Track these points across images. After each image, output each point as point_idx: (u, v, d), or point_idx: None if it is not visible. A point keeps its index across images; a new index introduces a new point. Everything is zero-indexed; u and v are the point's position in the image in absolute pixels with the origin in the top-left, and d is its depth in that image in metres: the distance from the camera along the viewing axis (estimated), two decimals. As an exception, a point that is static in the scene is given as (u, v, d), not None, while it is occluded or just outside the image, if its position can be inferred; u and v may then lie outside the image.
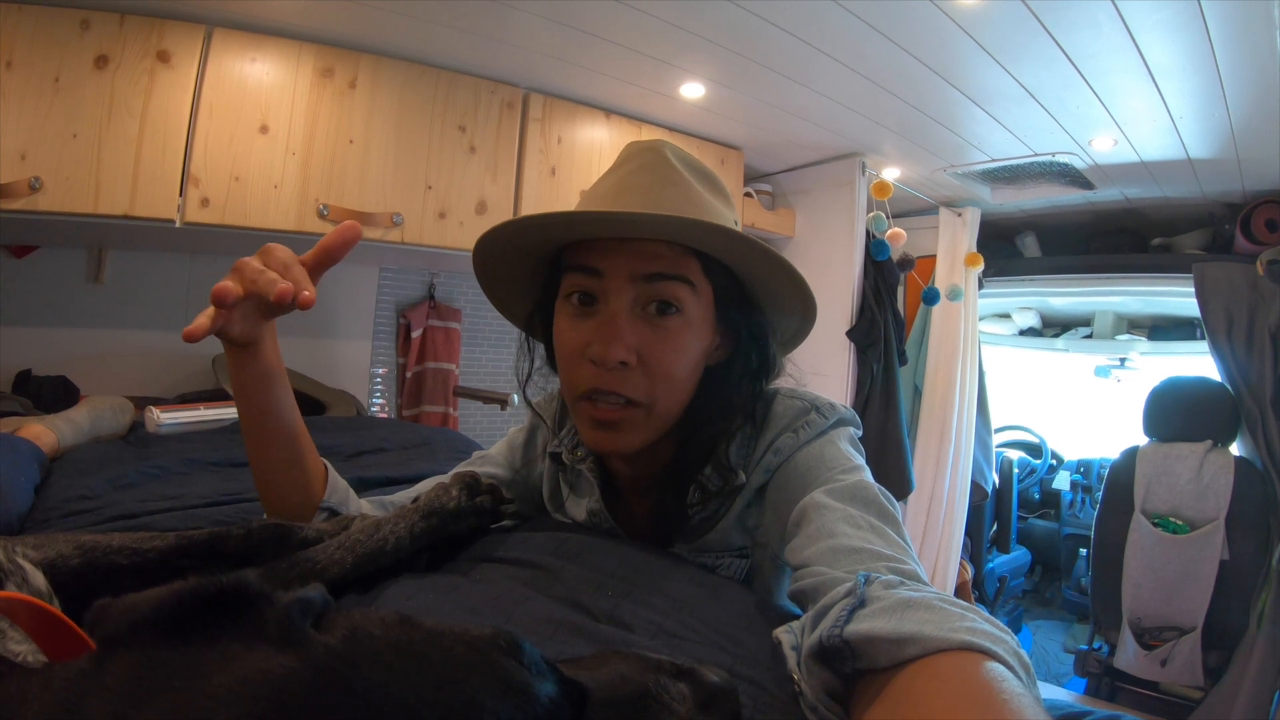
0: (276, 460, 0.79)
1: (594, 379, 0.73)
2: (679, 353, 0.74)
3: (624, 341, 0.72)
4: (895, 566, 0.58)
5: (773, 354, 0.83)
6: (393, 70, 2.00)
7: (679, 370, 0.75)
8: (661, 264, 0.73)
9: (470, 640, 0.33)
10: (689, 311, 0.75)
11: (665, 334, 0.74)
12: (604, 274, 0.73)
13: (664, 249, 0.73)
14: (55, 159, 1.58)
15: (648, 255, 0.73)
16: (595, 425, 0.75)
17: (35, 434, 1.48)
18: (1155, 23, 1.62)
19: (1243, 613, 2.45)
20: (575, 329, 0.75)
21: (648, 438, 0.76)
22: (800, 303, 0.81)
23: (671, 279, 0.73)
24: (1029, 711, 0.38)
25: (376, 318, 2.61)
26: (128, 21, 1.66)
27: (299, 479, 0.81)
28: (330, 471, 0.86)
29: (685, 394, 0.77)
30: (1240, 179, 2.55)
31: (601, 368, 0.72)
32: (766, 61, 2.00)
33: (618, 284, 0.73)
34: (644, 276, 0.73)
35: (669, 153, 0.78)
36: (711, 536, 0.80)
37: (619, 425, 0.74)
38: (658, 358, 0.73)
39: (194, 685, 0.27)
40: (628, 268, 0.73)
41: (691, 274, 0.74)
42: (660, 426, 0.77)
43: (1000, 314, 4.30)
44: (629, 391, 0.73)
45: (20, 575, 0.47)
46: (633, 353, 0.72)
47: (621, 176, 0.78)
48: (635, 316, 0.73)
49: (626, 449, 0.76)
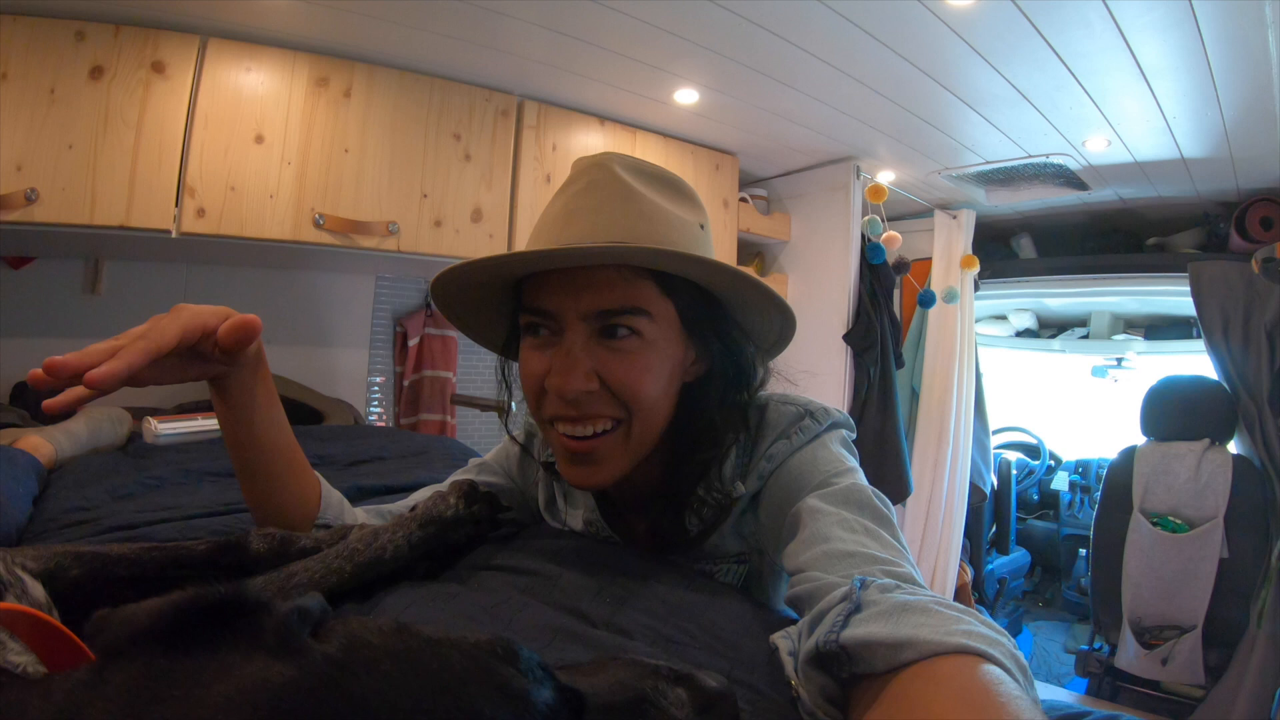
0: (265, 485, 0.79)
1: (560, 407, 0.72)
2: (643, 372, 0.72)
3: (580, 370, 0.70)
4: (890, 570, 0.58)
5: (750, 363, 0.81)
6: (387, 79, 2.01)
7: (647, 389, 0.72)
8: (613, 297, 0.70)
9: (468, 648, 0.33)
10: (648, 335, 0.72)
11: (624, 355, 0.72)
12: (554, 314, 0.72)
13: (615, 277, 0.70)
14: (51, 170, 1.58)
15: (597, 288, 0.70)
16: (571, 460, 0.74)
17: (33, 445, 1.48)
18: (1147, 23, 1.62)
19: (1243, 610, 2.45)
20: (537, 359, 0.74)
21: (625, 466, 0.75)
22: (775, 309, 0.79)
23: (623, 313, 0.71)
24: (1026, 713, 0.38)
25: (373, 326, 2.60)
26: (122, 32, 1.66)
27: (291, 500, 0.80)
28: (324, 487, 0.85)
29: (662, 413, 0.76)
30: (1234, 177, 2.56)
31: (565, 398, 0.71)
32: (759, 66, 2.01)
33: (570, 322, 0.71)
34: (595, 314, 0.71)
35: (617, 166, 0.75)
36: (709, 543, 0.80)
37: (595, 457, 0.73)
38: (620, 378, 0.71)
39: (193, 695, 0.27)
40: (576, 308, 0.71)
41: (645, 301, 0.72)
42: (638, 450, 0.75)
43: (997, 315, 4.31)
44: (600, 410, 0.72)
45: (20, 587, 0.47)
46: (593, 378, 0.71)
47: (568, 199, 0.75)
48: (592, 344, 0.72)
49: (605, 482, 0.75)
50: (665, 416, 0.76)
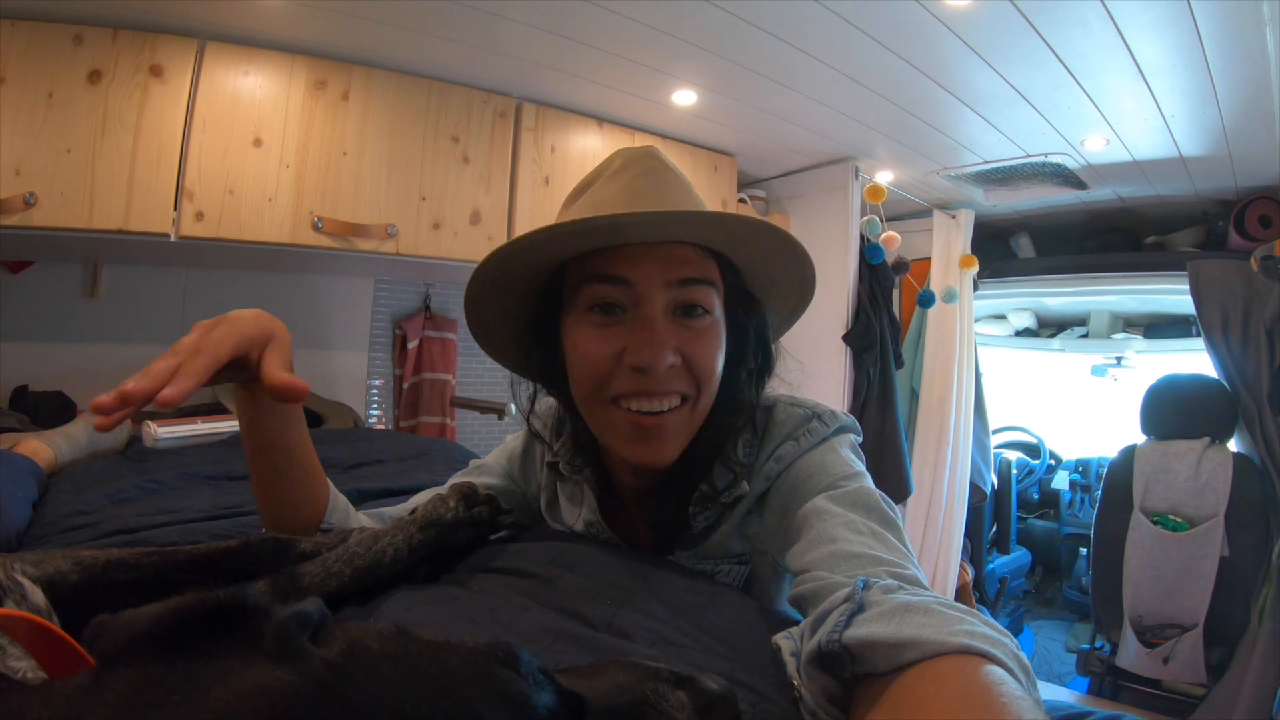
0: (283, 486, 0.79)
1: (636, 383, 0.72)
2: (716, 350, 0.75)
3: (669, 344, 0.71)
4: (895, 571, 0.58)
5: (774, 352, 0.84)
6: (385, 82, 2.01)
7: (716, 367, 0.75)
8: (691, 268, 0.73)
9: (467, 651, 0.33)
10: (715, 312, 0.75)
11: (698, 333, 0.73)
12: (634, 282, 0.72)
13: (691, 253, 0.73)
14: (49, 174, 1.58)
15: (677, 260, 0.72)
16: (637, 436, 0.74)
17: (32, 450, 1.48)
18: (1145, 21, 1.62)
19: (1244, 609, 2.45)
20: (602, 337, 0.73)
21: (683, 445, 0.76)
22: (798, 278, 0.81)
23: (701, 283, 0.73)
24: (1028, 714, 0.38)
25: (373, 329, 2.60)
26: (120, 36, 1.66)
27: (304, 501, 0.81)
28: (332, 490, 0.85)
29: (714, 394, 0.77)
30: (1233, 176, 2.56)
31: (651, 374, 0.71)
32: (757, 67, 2.01)
33: (650, 291, 0.72)
34: (677, 282, 0.72)
35: (664, 158, 0.79)
36: (711, 543, 0.80)
37: (664, 433, 0.73)
38: (697, 356, 0.73)
39: (193, 700, 0.27)
40: (660, 274, 0.72)
41: (714, 276, 0.75)
42: (693, 429, 0.76)
43: (996, 315, 4.31)
44: (675, 386, 0.73)
45: (19, 592, 0.47)
46: (677, 354, 0.72)
47: (627, 182, 0.75)
48: (667, 318, 0.72)
49: (669, 459, 0.75)
50: (715, 395, 0.78)
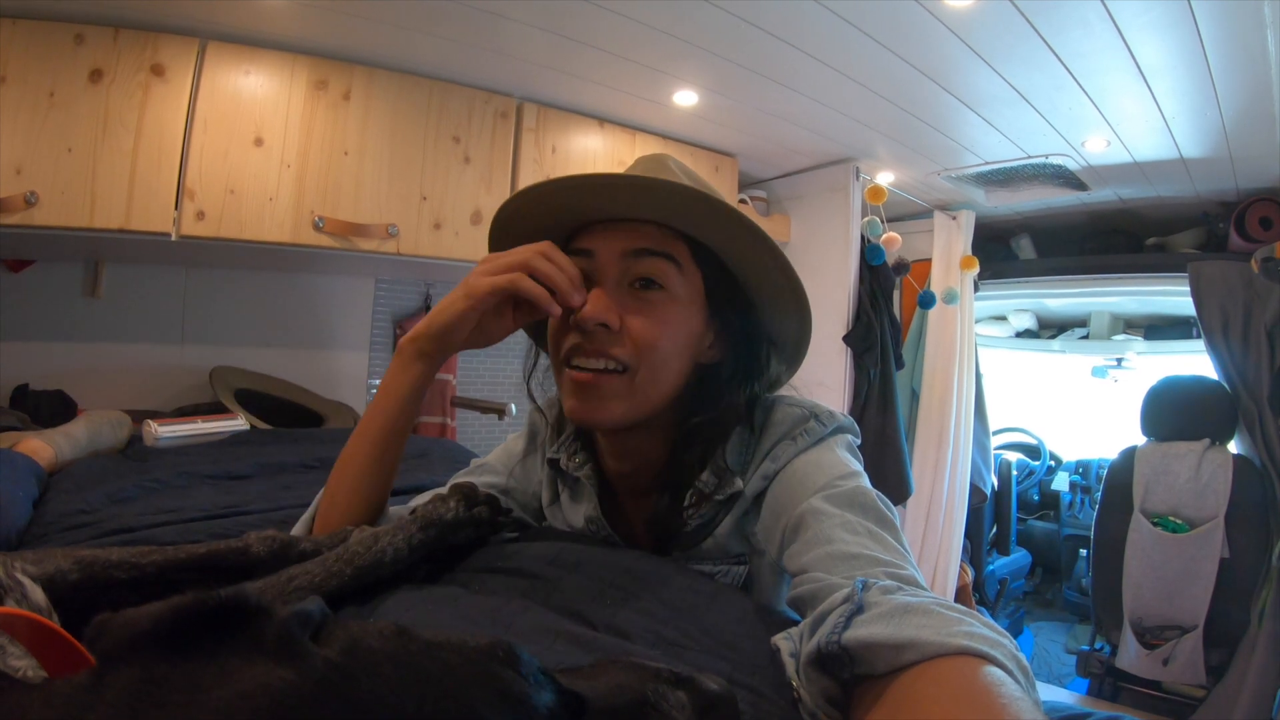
0: (390, 468, 0.84)
1: (575, 340, 0.77)
2: (661, 323, 0.77)
3: (604, 303, 0.75)
4: (893, 572, 0.58)
5: (765, 359, 0.85)
6: (386, 82, 2.01)
7: (662, 342, 0.76)
8: (648, 241, 0.77)
9: (468, 651, 0.33)
10: (673, 289, 0.78)
11: (648, 304, 0.77)
12: (595, 253, 0.78)
13: (653, 230, 0.77)
14: (50, 173, 1.58)
15: (636, 234, 0.77)
16: (574, 392, 0.78)
17: (33, 449, 1.48)
18: (1145, 22, 1.62)
19: (1244, 610, 2.45)
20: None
21: (628, 412, 0.77)
22: (790, 293, 0.82)
23: (655, 255, 0.77)
24: (1028, 714, 0.38)
25: (373, 329, 2.60)
26: (122, 35, 1.66)
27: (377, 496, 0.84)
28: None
29: (668, 376, 0.78)
30: (1234, 177, 2.56)
31: (584, 330, 0.75)
32: (758, 68, 2.01)
33: (606, 260, 0.78)
34: (631, 252, 0.77)
35: (674, 160, 0.83)
36: (709, 544, 0.80)
37: (599, 393, 0.76)
38: (638, 325, 0.76)
39: (193, 700, 0.27)
40: (617, 246, 0.77)
41: (677, 254, 0.78)
42: (641, 405, 0.77)
43: (996, 316, 4.31)
44: (611, 349, 0.75)
45: (19, 591, 0.47)
46: (615, 315, 0.75)
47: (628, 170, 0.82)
48: (621, 289, 0.77)
49: (606, 420, 0.77)
50: (671, 384, 0.79)
